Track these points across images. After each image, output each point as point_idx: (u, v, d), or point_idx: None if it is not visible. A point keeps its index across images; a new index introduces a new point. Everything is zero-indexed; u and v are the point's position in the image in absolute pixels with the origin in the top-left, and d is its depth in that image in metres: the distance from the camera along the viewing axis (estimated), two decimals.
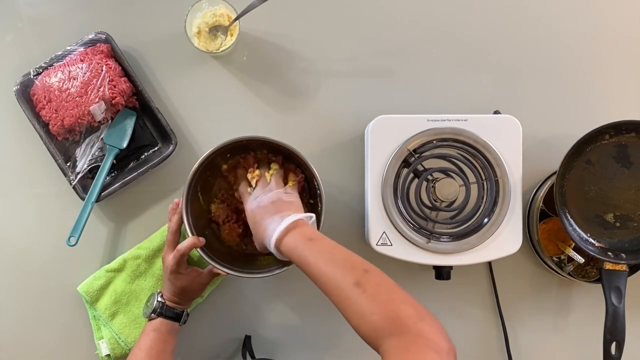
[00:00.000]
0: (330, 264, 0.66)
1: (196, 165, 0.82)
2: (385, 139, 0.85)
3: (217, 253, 0.84)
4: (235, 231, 0.88)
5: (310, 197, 0.89)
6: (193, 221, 0.84)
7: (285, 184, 0.83)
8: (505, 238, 0.84)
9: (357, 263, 0.67)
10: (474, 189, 0.84)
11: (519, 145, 0.85)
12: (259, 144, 0.85)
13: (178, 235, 0.85)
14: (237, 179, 0.86)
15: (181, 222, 0.83)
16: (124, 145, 0.91)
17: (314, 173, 0.82)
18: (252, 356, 0.90)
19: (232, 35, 0.90)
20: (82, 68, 0.87)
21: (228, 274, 0.82)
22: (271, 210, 0.77)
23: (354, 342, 0.65)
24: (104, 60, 0.88)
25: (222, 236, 0.88)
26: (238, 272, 0.82)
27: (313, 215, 0.76)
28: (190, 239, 0.81)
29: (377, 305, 0.61)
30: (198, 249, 0.82)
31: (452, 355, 0.57)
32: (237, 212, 0.88)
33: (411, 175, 0.85)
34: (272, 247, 0.73)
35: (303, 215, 0.74)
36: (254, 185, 0.82)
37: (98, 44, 0.90)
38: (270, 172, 0.83)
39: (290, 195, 0.80)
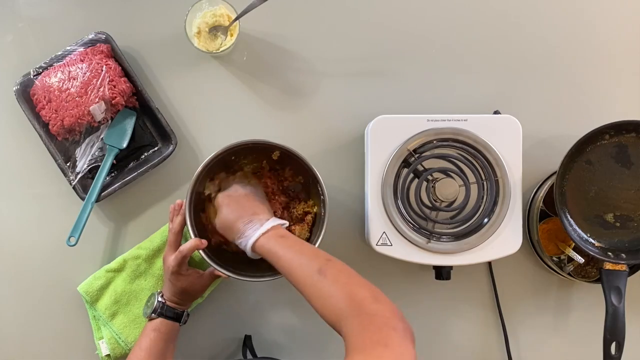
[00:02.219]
0: (297, 256, 0.71)
1: (200, 167, 0.81)
2: (385, 139, 0.85)
3: (218, 255, 0.84)
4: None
5: (310, 198, 0.89)
6: (196, 223, 0.84)
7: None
8: (505, 238, 0.84)
9: (321, 254, 0.72)
10: (474, 189, 0.84)
11: (519, 145, 0.85)
12: (265, 147, 0.85)
13: (180, 236, 0.85)
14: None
15: (184, 223, 0.83)
16: (124, 145, 0.91)
17: (318, 178, 0.82)
18: (254, 355, 0.90)
19: (232, 35, 0.90)
20: (82, 68, 0.87)
21: (229, 276, 0.82)
22: (246, 205, 0.80)
23: None
24: (104, 60, 0.88)
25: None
26: (239, 275, 0.82)
27: (286, 222, 0.80)
28: (192, 241, 0.81)
29: (336, 289, 0.65)
30: (200, 251, 0.82)
31: (409, 334, 0.60)
32: None
33: (411, 175, 0.85)
34: (249, 247, 0.76)
35: (279, 222, 0.78)
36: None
37: (98, 44, 0.90)
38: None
39: (260, 193, 0.86)
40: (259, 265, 0.88)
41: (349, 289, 0.64)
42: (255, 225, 0.77)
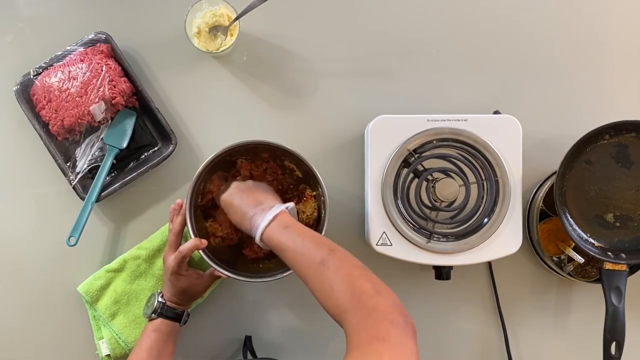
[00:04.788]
0: (301, 247, 0.70)
1: (201, 167, 0.81)
2: (385, 139, 0.85)
3: (218, 255, 0.84)
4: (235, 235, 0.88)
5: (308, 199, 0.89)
6: (196, 223, 0.84)
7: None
8: (505, 238, 0.84)
9: (324, 244, 0.70)
10: (474, 189, 0.84)
11: (519, 145, 0.85)
12: (265, 148, 0.85)
13: (181, 236, 0.85)
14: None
15: (184, 223, 0.83)
16: (124, 145, 0.91)
17: (319, 181, 0.82)
18: (254, 355, 0.90)
19: (232, 35, 0.90)
20: (82, 68, 0.87)
21: (229, 277, 0.82)
22: (249, 200, 0.79)
23: None
24: (104, 60, 0.88)
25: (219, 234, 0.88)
26: (239, 276, 0.82)
27: (292, 204, 0.79)
28: (192, 241, 0.81)
29: (338, 281, 0.64)
30: (200, 251, 0.82)
31: (409, 328, 0.59)
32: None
33: (411, 175, 0.85)
34: (257, 239, 0.75)
35: (284, 206, 0.77)
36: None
37: (98, 44, 0.90)
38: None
39: (262, 184, 0.85)
40: (259, 266, 0.88)
41: (351, 282, 0.63)
42: (259, 217, 0.75)
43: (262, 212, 0.76)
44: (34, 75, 0.89)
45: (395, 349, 0.56)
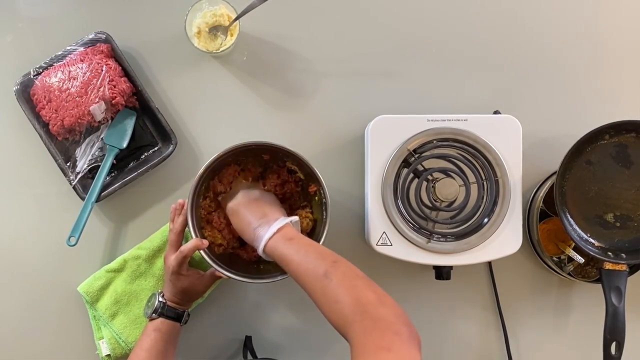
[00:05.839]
0: (304, 259, 0.70)
1: (202, 168, 0.81)
2: (385, 139, 0.85)
3: (219, 256, 0.84)
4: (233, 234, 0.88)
5: (305, 200, 0.89)
6: (197, 223, 0.84)
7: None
8: (505, 238, 0.84)
9: (327, 256, 0.70)
10: (474, 189, 0.84)
11: (519, 145, 0.85)
12: (267, 150, 0.85)
13: (182, 236, 0.85)
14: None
15: (186, 223, 0.83)
16: (124, 145, 0.91)
17: (321, 182, 0.82)
18: (254, 355, 0.90)
19: (232, 35, 0.90)
20: (82, 68, 0.87)
21: (229, 277, 0.82)
22: (255, 210, 0.79)
23: None
24: (104, 60, 0.88)
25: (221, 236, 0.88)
26: (240, 277, 0.82)
27: (296, 217, 0.79)
28: (193, 241, 0.81)
29: (341, 293, 0.64)
30: (201, 251, 0.82)
31: (414, 339, 0.59)
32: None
33: (411, 175, 0.85)
34: (260, 251, 0.75)
35: (288, 219, 0.77)
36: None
37: (98, 44, 0.90)
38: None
39: (269, 195, 0.85)
40: (259, 267, 0.88)
41: (355, 293, 0.63)
42: (263, 229, 0.76)
43: (266, 224, 0.76)
44: (34, 75, 0.89)
45: (401, 359, 0.56)
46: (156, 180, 0.94)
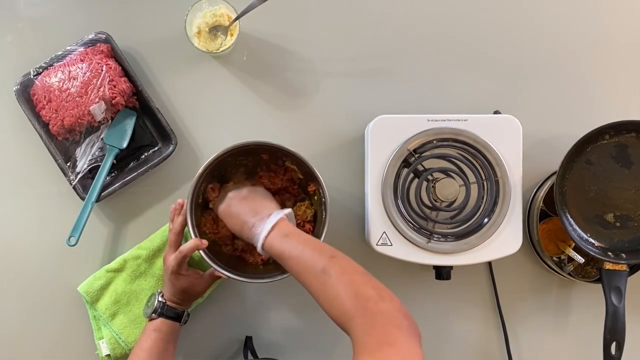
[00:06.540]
0: (302, 255, 0.70)
1: (202, 168, 0.81)
2: (385, 139, 0.85)
3: (218, 256, 0.84)
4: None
5: (307, 198, 0.89)
6: (197, 223, 0.84)
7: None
8: (505, 238, 0.84)
9: (324, 251, 0.70)
10: (474, 189, 0.84)
11: (519, 145, 0.85)
12: (266, 149, 0.85)
13: (181, 236, 0.85)
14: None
15: (185, 223, 0.83)
16: (124, 145, 0.91)
17: (320, 181, 0.82)
18: (255, 355, 0.90)
19: (232, 35, 0.90)
20: (82, 68, 0.87)
21: (229, 277, 0.82)
22: (248, 208, 0.79)
23: None
24: (104, 60, 0.88)
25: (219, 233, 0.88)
26: (239, 277, 0.82)
27: (290, 210, 0.79)
28: (192, 241, 0.81)
29: (341, 289, 0.64)
30: (200, 251, 0.82)
31: (414, 332, 0.59)
32: None
33: (411, 175, 0.85)
34: (259, 249, 0.75)
35: (282, 212, 0.77)
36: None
37: (98, 44, 0.90)
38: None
39: (258, 189, 0.84)
40: (259, 267, 0.88)
41: (354, 288, 0.63)
42: (258, 227, 0.76)
43: (261, 221, 0.76)
44: (34, 75, 0.89)
45: (405, 353, 0.56)
46: (156, 180, 0.94)
